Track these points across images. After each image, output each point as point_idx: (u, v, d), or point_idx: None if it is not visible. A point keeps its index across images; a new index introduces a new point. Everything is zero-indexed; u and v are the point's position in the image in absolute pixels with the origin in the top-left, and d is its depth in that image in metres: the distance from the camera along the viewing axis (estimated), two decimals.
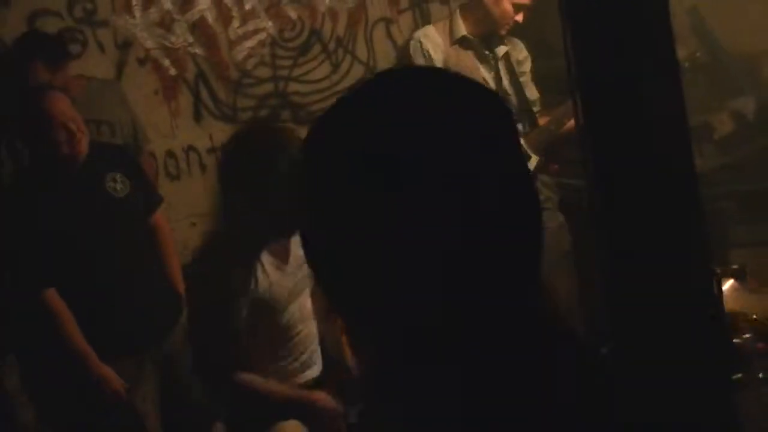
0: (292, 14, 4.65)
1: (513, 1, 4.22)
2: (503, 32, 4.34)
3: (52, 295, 3.38)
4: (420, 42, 4.30)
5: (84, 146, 3.43)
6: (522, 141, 4.28)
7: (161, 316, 3.64)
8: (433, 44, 4.28)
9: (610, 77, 1.39)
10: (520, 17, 4.25)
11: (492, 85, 4.32)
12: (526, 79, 4.45)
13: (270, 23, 4.60)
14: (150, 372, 3.62)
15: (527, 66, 4.46)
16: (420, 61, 4.26)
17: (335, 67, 4.76)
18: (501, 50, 4.37)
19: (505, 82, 4.36)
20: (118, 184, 3.53)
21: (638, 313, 1.40)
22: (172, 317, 3.66)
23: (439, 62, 4.26)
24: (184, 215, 4.38)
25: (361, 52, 4.80)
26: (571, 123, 4.23)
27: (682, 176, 1.41)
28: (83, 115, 3.55)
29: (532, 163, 4.35)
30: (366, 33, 4.79)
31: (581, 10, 1.38)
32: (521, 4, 4.24)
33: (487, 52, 4.34)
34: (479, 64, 4.32)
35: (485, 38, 4.34)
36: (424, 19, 4.85)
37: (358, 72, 4.78)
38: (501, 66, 4.37)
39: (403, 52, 4.38)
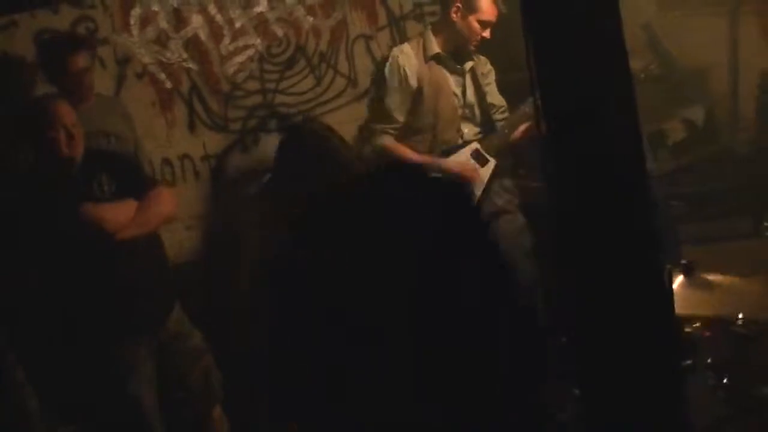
0: (279, 32, 4.65)
1: (479, 19, 4.24)
2: (472, 48, 4.38)
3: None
4: (397, 59, 4.35)
5: (80, 151, 3.44)
6: (479, 145, 4.36)
7: (157, 302, 3.64)
8: (409, 61, 4.34)
9: (569, 88, 1.39)
10: (487, 33, 4.28)
11: (460, 97, 4.38)
12: (491, 89, 4.51)
13: (258, 40, 4.59)
14: (147, 356, 3.60)
15: (492, 77, 4.52)
16: (396, 76, 4.32)
17: (319, 80, 4.75)
18: (468, 65, 4.42)
19: (469, 94, 4.42)
20: (104, 186, 3.54)
21: (594, 304, 1.40)
22: (168, 303, 3.66)
23: (413, 77, 4.31)
24: (179, 219, 4.37)
25: (343, 66, 4.80)
26: (524, 127, 4.29)
27: (635, 179, 1.42)
28: (93, 126, 3.65)
29: (490, 166, 4.36)
30: (347, 49, 4.79)
31: (541, 26, 1.39)
32: (487, 21, 4.26)
33: (458, 67, 4.39)
34: (450, 79, 4.37)
35: (455, 54, 4.39)
36: (401, 36, 4.85)
37: (340, 84, 4.78)
38: (467, 79, 4.42)
39: (381, 66, 4.44)
